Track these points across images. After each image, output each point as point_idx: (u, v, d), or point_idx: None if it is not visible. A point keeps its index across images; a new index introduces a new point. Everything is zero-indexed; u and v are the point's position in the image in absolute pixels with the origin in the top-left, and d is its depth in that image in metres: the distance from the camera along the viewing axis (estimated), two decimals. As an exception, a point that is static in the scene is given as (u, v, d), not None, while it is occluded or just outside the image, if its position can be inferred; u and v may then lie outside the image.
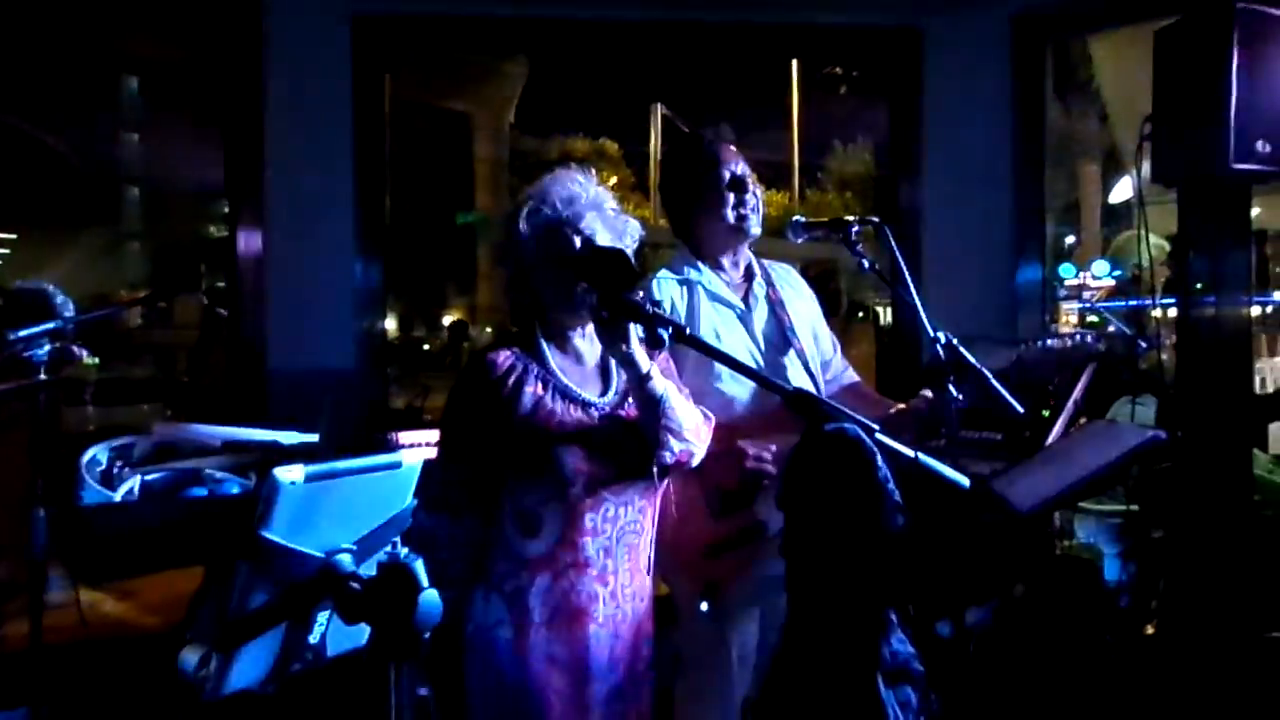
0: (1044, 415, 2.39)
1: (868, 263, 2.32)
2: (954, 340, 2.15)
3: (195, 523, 2.40)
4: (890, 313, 5.78)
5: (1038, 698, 2.80)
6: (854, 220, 2.32)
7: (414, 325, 14.31)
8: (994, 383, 2.12)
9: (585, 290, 1.63)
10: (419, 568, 1.21)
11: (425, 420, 3.68)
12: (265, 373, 3.87)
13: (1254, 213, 3.45)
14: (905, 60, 4.15)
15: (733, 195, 2.23)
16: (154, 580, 2.44)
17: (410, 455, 1.40)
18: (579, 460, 1.68)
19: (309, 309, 3.88)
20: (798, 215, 2.37)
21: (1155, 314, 3.39)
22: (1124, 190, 7.98)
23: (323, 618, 1.35)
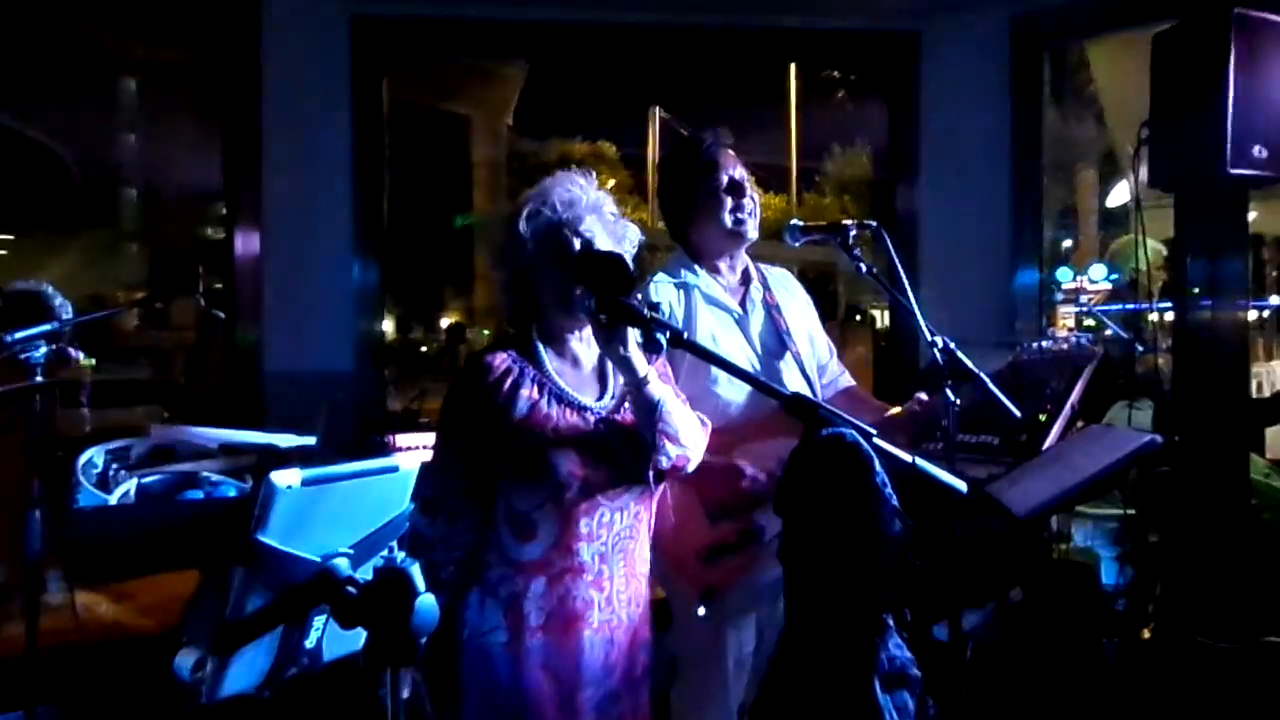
0: (1041, 419, 2.39)
1: (865, 266, 2.32)
2: (951, 344, 2.15)
3: (191, 526, 2.39)
4: (887, 316, 5.78)
5: (1035, 702, 2.80)
6: (852, 224, 2.31)
7: (411, 327, 14.28)
8: (991, 386, 2.12)
9: (583, 293, 1.62)
10: (415, 572, 1.21)
11: (422, 423, 3.67)
12: (262, 375, 3.87)
13: (1251, 217, 3.45)
14: (903, 64, 4.16)
15: (730, 199, 2.23)
16: (150, 582, 2.43)
17: (407, 459, 1.40)
18: (574, 465, 1.67)
19: (306, 311, 3.88)
20: (795, 219, 2.36)
21: (1152, 318, 3.40)
22: (1121, 194, 7.98)
23: (319, 622, 1.35)
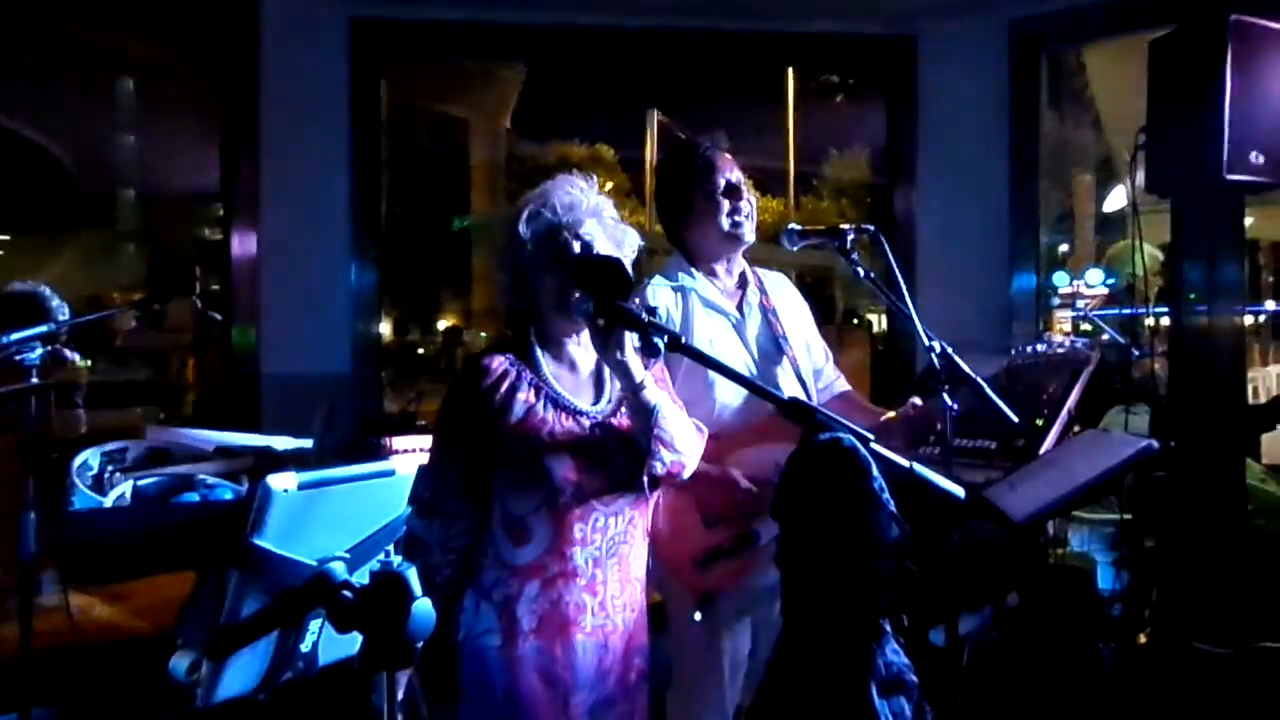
0: (1038, 424, 2.39)
1: (863, 271, 2.31)
2: (948, 348, 2.15)
3: (187, 529, 2.38)
4: (885, 320, 5.78)
5: (1032, 707, 2.80)
6: (849, 228, 2.31)
7: (409, 329, 14.27)
8: (988, 391, 2.12)
9: (580, 297, 1.62)
10: (412, 576, 1.20)
11: (419, 425, 3.66)
12: (259, 377, 3.87)
13: (1247, 222, 3.45)
14: (902, 68, 4.17)
15: (727, 202, 2.23)
16: (145, 584, 2.42)
17: (403, 463, 1.39)
18: (568, 469, 1.67)
19: (303, 312, 3.88)
20: (793, 222, 2.36)
21: (1149, 323, 3.40)
22: (1118, 199, 7.99)
23: (315, 626, 1.34)
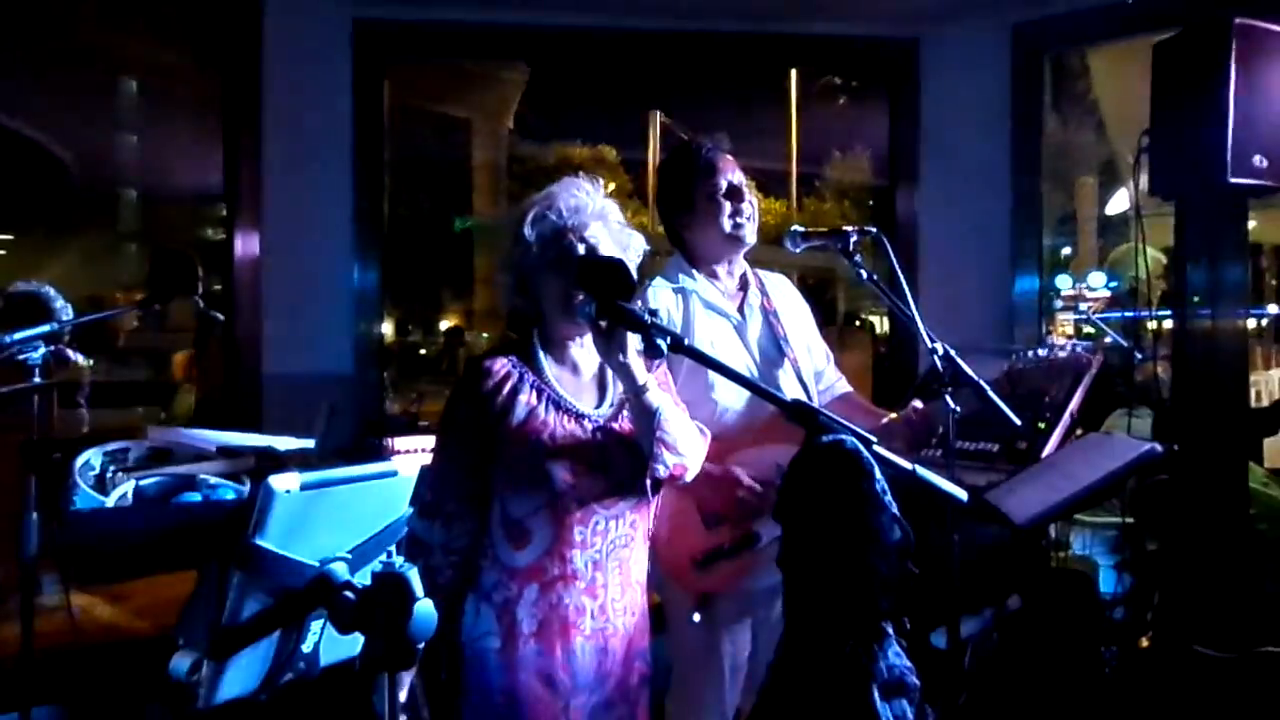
0: (1040, 427, 2.38)
1: (865, 273, 2.32)
2: (951, 350, 2.15)
3: (188, 529, 2.38)
4: (887, 322, 5.78)
5: (1033, 710, 2.79)
6: (852, 230, 2.31)
7: (410, 330, 14.27)
8: (990, 393, 2.12)
9: (584, 299, 1.62)
10: (414, 578, 1.20)
11: (421, 426, 3.67)
12: (261, 377, 3.87)
13: (1250, 226, 3.45)
14: (904, 71, 4.17)
15: (728, 204, 2.23)
16: (146, 584, 2.42)
17: (405, 464, 1.39)
18: (569, 472, 1.67)
19: (306, 313, 3.88)
20: (795, 224, 2.36)
21: (1151, 326, 3.39)
22: (1121, 202, 7.99)
23: (316, 627, 1.34)
